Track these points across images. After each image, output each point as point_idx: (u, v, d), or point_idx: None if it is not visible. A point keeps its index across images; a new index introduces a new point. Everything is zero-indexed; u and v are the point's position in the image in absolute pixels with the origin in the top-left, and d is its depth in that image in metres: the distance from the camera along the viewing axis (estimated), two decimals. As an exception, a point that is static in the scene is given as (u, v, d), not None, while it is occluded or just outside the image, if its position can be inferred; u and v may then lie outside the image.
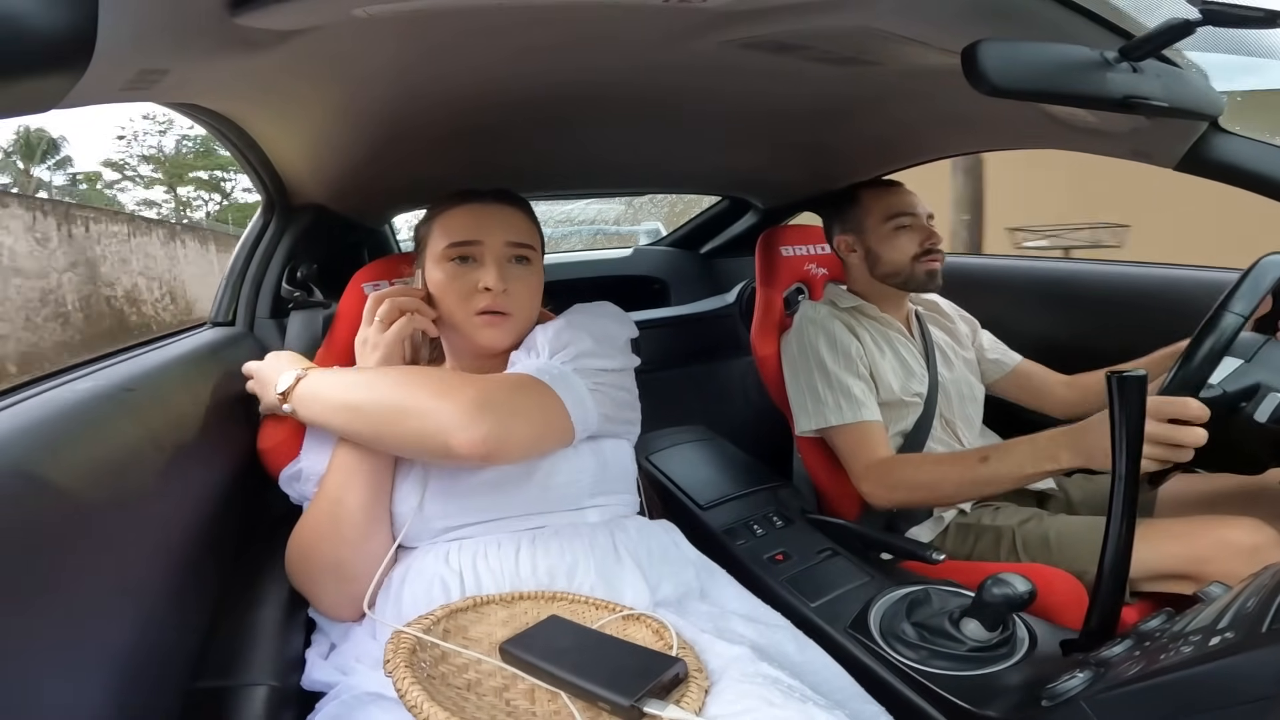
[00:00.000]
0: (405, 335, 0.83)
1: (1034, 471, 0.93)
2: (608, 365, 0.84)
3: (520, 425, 0.72)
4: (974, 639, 0.79)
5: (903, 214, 1.25)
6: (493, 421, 0.68)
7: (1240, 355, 0.84)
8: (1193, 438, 0.77)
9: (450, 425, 0.68)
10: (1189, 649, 0.53)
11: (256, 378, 0.87)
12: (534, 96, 0.94)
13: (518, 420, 0.71)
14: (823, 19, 0.71)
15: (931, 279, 1.24)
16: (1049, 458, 0.91)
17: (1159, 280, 1.43)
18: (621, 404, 0.86)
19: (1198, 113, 0.79)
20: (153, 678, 0.62)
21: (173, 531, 0.70)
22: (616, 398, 0.84)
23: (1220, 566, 0.86)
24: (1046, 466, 0.92)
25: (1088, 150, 1.09)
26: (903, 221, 1.25)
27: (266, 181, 1.09)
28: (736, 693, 0.59)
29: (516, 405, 0.72)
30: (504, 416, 0.70)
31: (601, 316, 0.90)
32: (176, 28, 0.56)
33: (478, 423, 0.68)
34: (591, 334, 0.84)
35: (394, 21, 0.65)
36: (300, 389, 0.79)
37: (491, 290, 0.83)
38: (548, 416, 0.75)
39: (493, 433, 0.68)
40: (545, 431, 0.75)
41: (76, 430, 0.60)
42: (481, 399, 0.69)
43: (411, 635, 0.62)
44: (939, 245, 1.25)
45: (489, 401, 0.70)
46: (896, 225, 1.25)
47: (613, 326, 0.89)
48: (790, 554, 1.07)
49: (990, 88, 0.62)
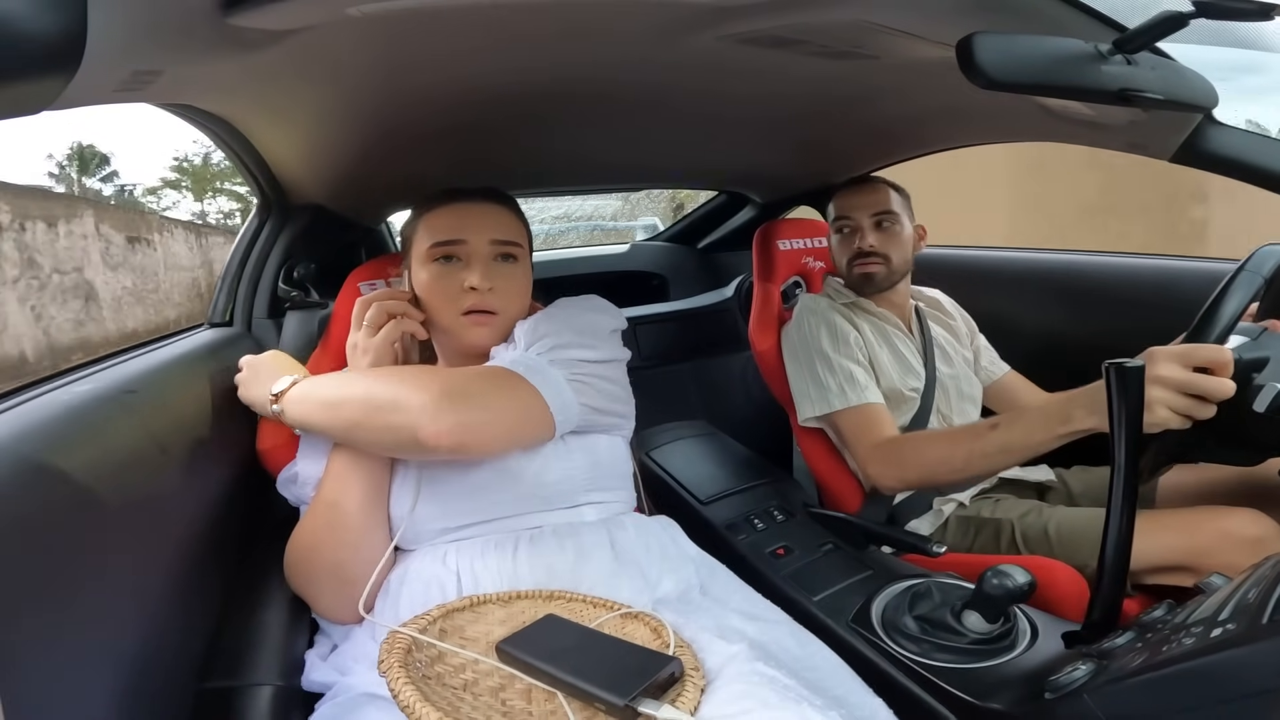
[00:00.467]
0: (394, 339, 0.82)
1: (1046, 436, 0.89)
2: (589, 356, 0.82)
3: (491, 416, 0.71)
4: (976, 631, 0.79)
5: (841, 218, 1.28)
6: (461, 412, 0.68)
7: (1246, 335, 0.84)
8: (1223, 389, 0.73)
9: (418, 418, 0.67)
10: (1191, 641, 0.53)
11: (250, 371, 0.86)
12: (530, 93, 0.93)
13: (489, 412, 0.71)
14: (819, 13, 0.71)
15: (866, 282, 1.26)
16: (1062, 419, 0.87)
17: (1155, 271, 1.43)
18: (608, 396, 0.84)
19: (1193, 104, 0.79)
20: (159, 678, 0.62)
21: (177, 532, 0.70)
22: (601, 389, 0.83)
23: (1221, 558, 0.86)
24: (1058, 429, 0.87)
25: (1083, 143, 1.08)
26: (840, 225, 1.28)
27: (262, 181, 1.09)
28: (732, 692, 0.59)
29: (488, 396, 0.72)
30: (473, 408, 0.69)
31: (584, 308, 0.89)
32: (168, 29, 0.56)
33: (445, 414, 0.67)
34: (571, 325, 0.83)
35: (388, 19, 0.65)
36: (292, 393, 0.79)
37: (477, 289, 0.82)
38: (522, 408, 0.74)
39: (461, 423, 0.68)
40: (519, 423, 0.74)
41: (78, 432, 0.60)
42: (449, 390, 0.69)
43: (407, 635, 0.62)
44: (871, 251, 1.25)
45: (457, 392, 0.69)
46: (838, 227, 1.29)
47: (596, 317, 0.88)
48: (792, 548, 1.07)
49: (985, 81, 0.61)
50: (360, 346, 0.82)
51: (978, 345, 1.39)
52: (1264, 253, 0.85)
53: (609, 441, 0.86)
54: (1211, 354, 0.74)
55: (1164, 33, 0.65)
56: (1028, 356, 1.40)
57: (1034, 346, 1.42)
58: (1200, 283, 1.22)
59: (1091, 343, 1.18)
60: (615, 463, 0.87)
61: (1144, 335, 1.13)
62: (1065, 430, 0.87)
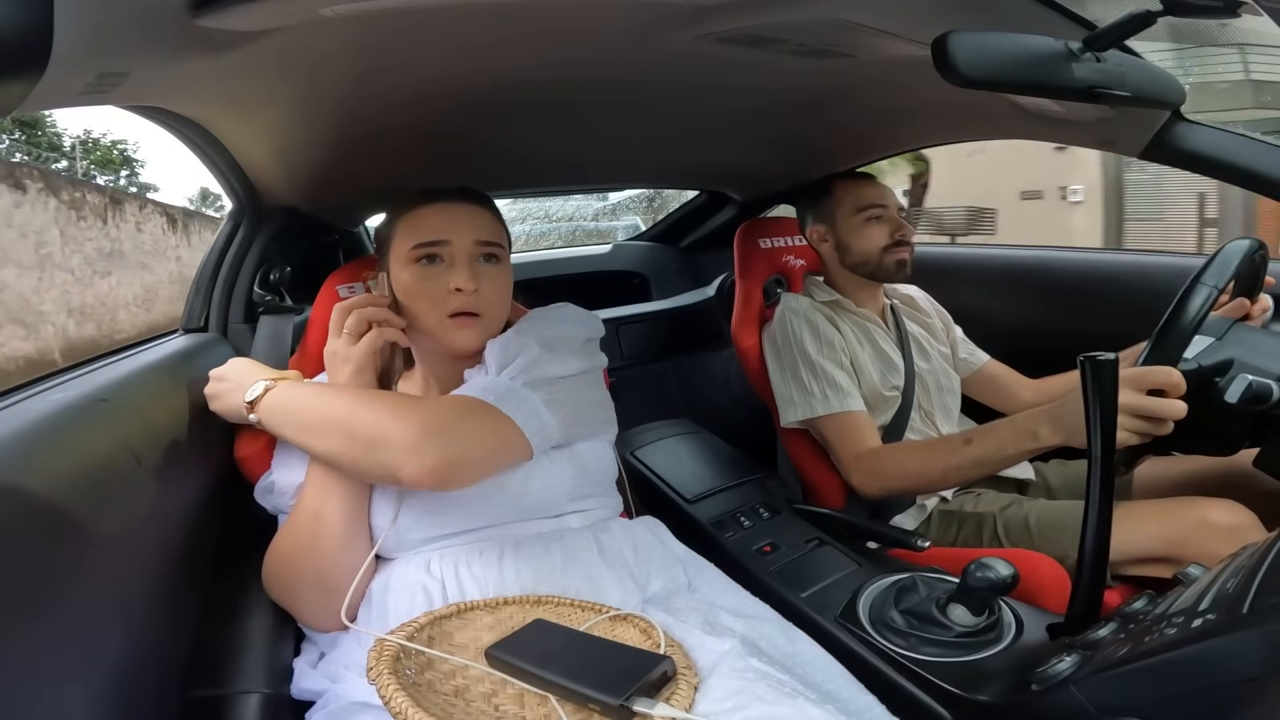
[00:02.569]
0: (376, 348, 0.80)
1: (1016, 451, 0.95)
2: (562, 372, 0.81)
3: (469, 451, 0.71)
4: (961, 624, 0.80)
5: (873, 205, 1.27)
6: (439, 449, 0.68)
7: (1211, 334, 0.85)
8: (1174, 410, 0.78)
9: (398, 456, 0.68)
10: (1173, 631, 0.54)
11: (219, 383, 0.83)
12: (507, 94, 0.93)
13: (467, 447, 0.71)
14: (797, 12, 0.71)
15: (900, 269, 1.26)
16: (1029, 435, 0.92)
17: (1129, 266, 1.46)
18: (587, 407, 0.84)
19: (1160, 101, 0.81)
20: (143, 688, 0.61)
21: (155, 541, 0.69)
22: (580, 402, 0.82)
23: (1200, 548, 0.87)
24: (1026, 445, 0.93)
25: (1055, 140, 1.10)
26: (874, 213, 1.27)
27: (235, 185, 1.07)
28: (726, 689, 0.59)
29: (465, 431, 0.71)
30: (451, 443, 0.69)
31: (555, 320, 0.87)
32: (136, 30, 0.54)
33: (424, 452, 0.67)
34: (541, 341, 0.82)
35: (362, 20, 0.64)
36: (268, 401, 0.77)
37: (464, 291, 0.81)
38: (498, 438, 0.73)
39: (441, 460, 0.68)
40: (496, 453, 0.74)
41: (50, 442, 0.59)
42: (428, 427, 0.69)
43: (395, 643, 0.61)
44: (909, 237, 1.27)
45: (435, 429, 0.69)
46: (867, 216, 1.27)
47: (568, 329, 0.86)
48: (778, 545, 1.07)
49: (959, 78, 0.62)
50: (341, 355, 0.80)
51: (954, 338, 1.40)
52: (1233, 246, 0.87)
53: (593, 448, 0.85)
54: (1162, 377, 0.79)
55: (1132, 30, 0.67)
56: (1003, 352, 1.42)
57: (1009, 342, 1.44)
58: (1172, 277, 1.25)
59: (1066, 337, 1.20)
60: (600, 468, 0.86)
61: (1118, 328, 1.15)
62: (1033, 446, 0.92)
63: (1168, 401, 0.78)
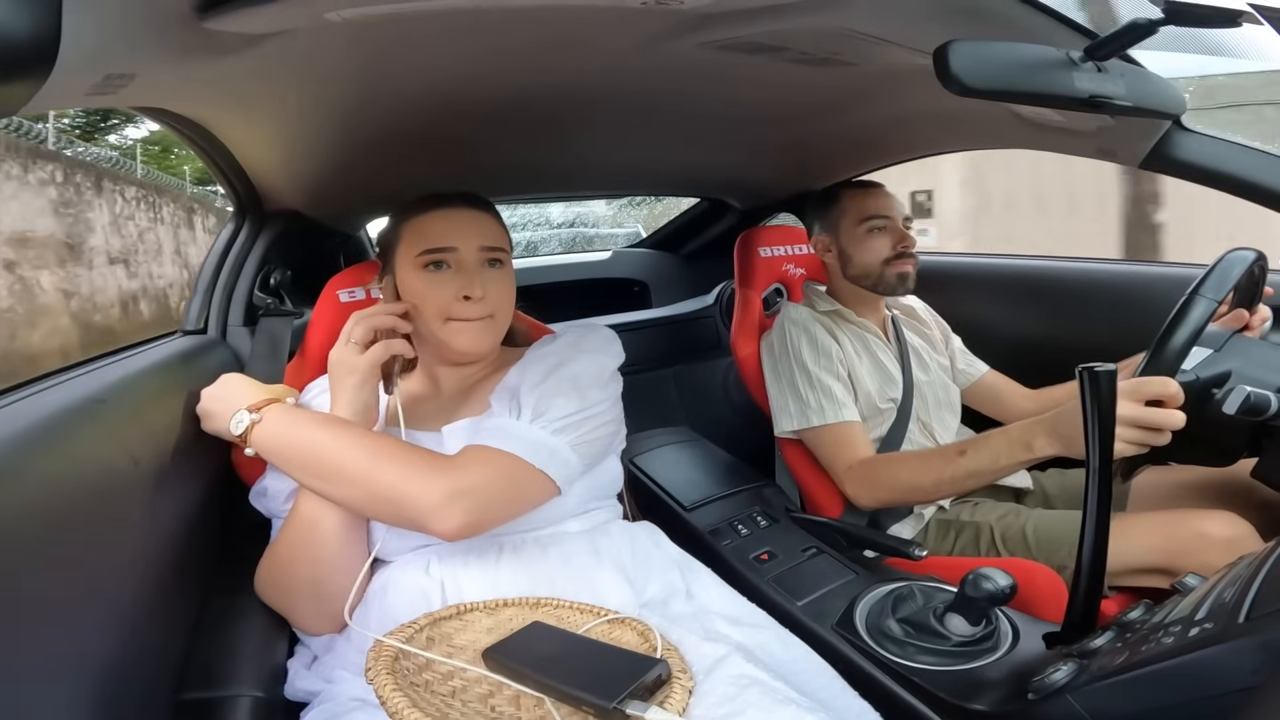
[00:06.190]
0: (381, 360, 0.79)
1: (1010, 462, 0.94)
2: (591, 410, 0.80)
3: (497, 510, 0.72)
4: (958, 634, 0.80)
5: (877, 216, 1.26)
6: (466, 511, 0.68)
7: (1209, 346, 0.86)
8: (1172, 420, 0.78)
9: (424, 517, 0.68)
10: (1170, 640, 0.54)
11: (213, 402, 0.80)
12: (510, 100, 0.93)
13: (494, 504, 0.71)
14: (799, 20, 0.71)
15: (902, 282, 1.25)
16: (1024, 446, 0.92)
17: (1128, 276, 1.46)
18: (606, 436, 0.83)
19: (1161, 111, 0.81)
20: (136, 690, 0.61)
21: (150, 543, 0.69)
22: (602, 434, 0.82)
23: (1197, 559, 0.87)
24: (1021, 456, 0.92)
25: (1055, 149, 1.10)
26: (877, 224, 1.26)
27: (238, 187, 1.07)
28: (721, 694, 0.59)
29: (493, 491, 0.71)
30: (478, 504, 0.69)
31: (587, 350, 0.86)
32: (143, 32, 0.55)
33: (452, 515, 0.68)
34: (578, 384, 0.80)
35: (367, 25, 0.64)
36: (259, 435, 0.75)
37: (471, 298, 0.81)
38: (526, 490, 0.74)
39: (469, 521, 0.68)
40: (523, 503, 0.75)
41: (47, 444, 0.59)
42: (454, 490, 0.68)
43: (393, 645, 0.61)
44: (911, 249, 1.26)
45: (462, 491, 0.69)
46: (871, 227, 1.26)
47: (599, 360, 0.86)
48: (775, 553, 1.07)
49: (960, 88, 0.62)
50: (346, 364, 0.78)
51: (953, 349, 1.40)
52: (1233, 257, 0.87)
53: (605, 463, 0.86)
54: (1160, 388, 0.79)
55: (1133, 40, 0.67)
56: (1002, 362, 1.42)
57: (1008, 352, 1.44)
58: (1171, 287, 1.25)
59: (1065, 347, 1.20)
60: (608, 478, 0.87)
61: (1117, 339, 1.15)
62: (1028, 457, 0.92)
63: (1166, 412, 0.78)
